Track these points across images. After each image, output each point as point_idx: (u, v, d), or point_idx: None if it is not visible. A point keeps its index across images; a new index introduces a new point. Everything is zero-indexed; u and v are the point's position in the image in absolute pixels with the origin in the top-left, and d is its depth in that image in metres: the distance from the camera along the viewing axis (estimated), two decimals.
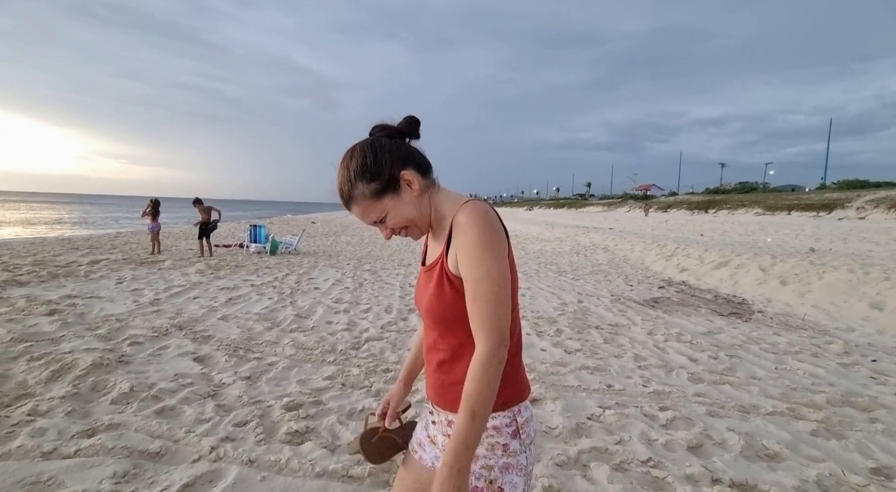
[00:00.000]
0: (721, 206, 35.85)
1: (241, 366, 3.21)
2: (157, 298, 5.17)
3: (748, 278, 7.91)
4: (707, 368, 3.72)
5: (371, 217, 0.92)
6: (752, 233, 16.09)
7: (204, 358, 3.32)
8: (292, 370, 3.19)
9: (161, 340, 3.67)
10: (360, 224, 25.43)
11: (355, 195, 0.90)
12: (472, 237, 0.83)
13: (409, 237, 0.96)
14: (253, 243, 9.88)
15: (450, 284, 0.89)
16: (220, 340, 3.76)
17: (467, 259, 0.83)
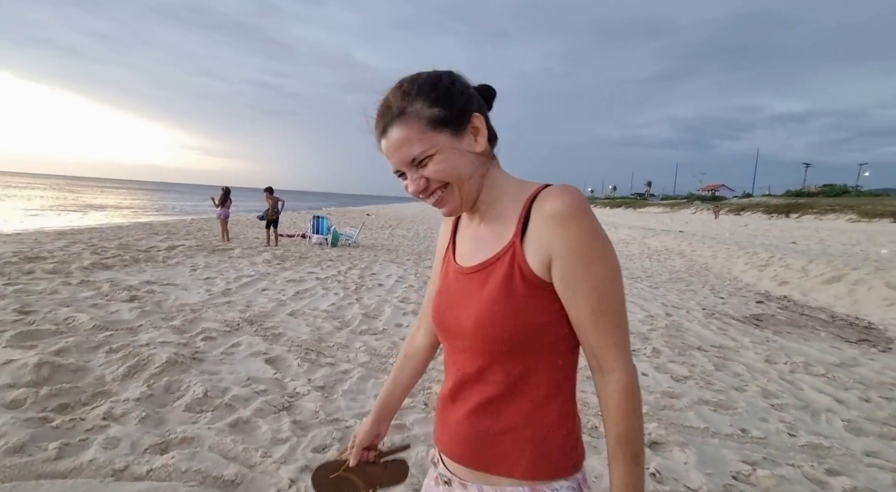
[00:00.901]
0: (806, 210, 32.23)
1: (314, 372, 2.95)
2: (228, 288, 5.15)
3: (872, 297, 6.68)
4: (863, 413, 2.97)
5: (412, 151, 0.66)
6: (858, 242, 13.97)
7: (276, 360, 3.11)
8: (368, 382, 2.88)
9: (233, 335, 3.52)
10: (414, 217, 25.50)
11: (407, 113, 0.66)
12: (588, 227, 0.63)
13: (439, 208, 0.70)
14: (315, 234, 9.95)
15: (527, 288, 0.66)
16: (290, 339, 3.55)
17: (586, 255, 0.63)
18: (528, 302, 0.65)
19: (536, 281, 0.65)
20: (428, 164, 0.66)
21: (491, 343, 0.67)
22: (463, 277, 0.73)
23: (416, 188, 0.68)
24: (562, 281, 0.64)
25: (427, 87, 0.67)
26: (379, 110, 0.69)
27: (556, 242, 0.63)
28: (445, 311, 0.74)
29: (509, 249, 0.68)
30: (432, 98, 0.66)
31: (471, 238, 0.76)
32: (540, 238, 0.65)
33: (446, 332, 0.74)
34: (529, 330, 0.66)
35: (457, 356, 0.73)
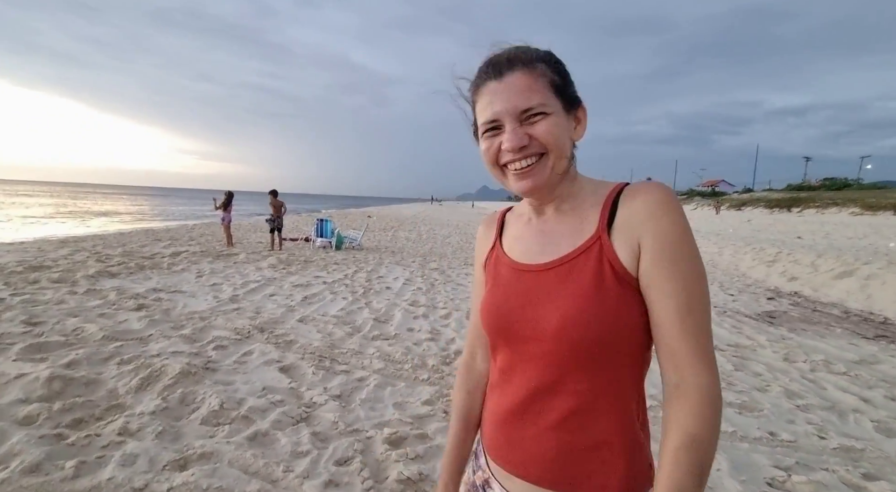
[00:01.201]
0: (807, 204, 32.14)
1: (329, 380, 2.89)
2: (236, 294, 5.09)
3: (887, 292, 6.61)
4: (892, 413, 2.91)
5: (531, 100, 0.62)
6: (865, 236, 13.89)
7: (290, 368, 3.05)
8: (385, 389, 2.82)
9: (244, 343, 3.46)
10: (415, 218, 25.44)
11: (535, 66, 0.63)
12: (680, 222, 0.60)
13: (521, 179, 0.64)
14: (319, 238, 9.89)
15: (619, 285, 0.60)
16: (303, 346, 3.49)
17: (676, 251, 0.58)
18: (619, 301, 0.60)
19: (626, 276, 0.60)
20: (538, 122, 0.62)
21: (577, 347, 0.60)
22: (533, 275, 0.66)
23: (517, 143, 0.62)
24: (648, 275, 0.59)
25: (553, 57, 0.65)
26: (499, 53, 0.65)
27: (647, 234, 0.60)
28: (511, 315, 0.66)
29: (595, 241, 0.63)
30: (557, 68, 0.65)
31: (536, 233, 0.70)
32: (630, 230, 0.61)
33: (513, 336, 0.66)
34: (621, 333, 0.60)
35: (526, 365, 0.66)
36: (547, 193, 0.67)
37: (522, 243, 0.71)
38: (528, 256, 0.69)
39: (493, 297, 0.70)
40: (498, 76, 0.63)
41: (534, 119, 0.62)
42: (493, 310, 0.69)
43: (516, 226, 0.74)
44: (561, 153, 0.64)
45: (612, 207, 0.64)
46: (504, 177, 0.67)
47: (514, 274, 0.69)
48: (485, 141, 0.66)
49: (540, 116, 0.62)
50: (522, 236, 0.72)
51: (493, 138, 0.65)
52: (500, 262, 0.72)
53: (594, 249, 0.63)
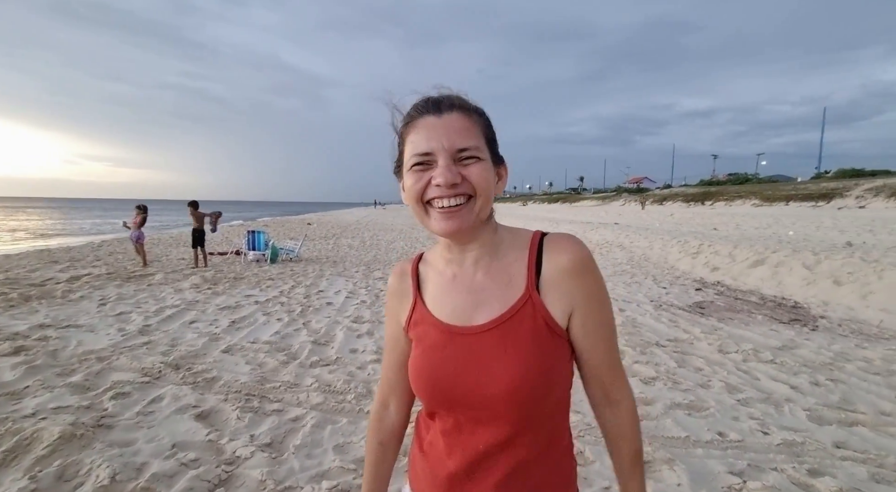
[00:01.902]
0: (717, 197, 35.80)
1: (258, 425, 2.50)
2: (147, 324, 4.41)
3: (793, 278, 7.34)
4: (819, 400, 3.10)
5: (467, 141, 0.63)
6: (768, 226, 15.58)
7: (209, 414, 2.60)
8: (325, 429, 2.49)
9: (153, 387, 2.93)
10: (357, 224, 24.67)
11: (472, 113, 0.66)
12: (599, 275, 0.67)
13: (448, 218, 0.63)
14: (251, 251, 9.10)
15: (553, 341, 0.64)
16: (227, 384, 3.03)
17: (601, 301, 0.67)
18: (555, 355, 0.64)
19: (558, 330, 0.65)
20: (472, 165, 0.63)
21: (524, 410, 0.63)
22: (469, 338, 0.66)
23: (451, 179, 0.61)
24: (582, 328, 0.66)
25: (484, 113, 0.68)
26: (437, 95, 0.66)
27: (578, 294, 0.65)
28: (450, 380, 0.65)
29: (526, 300, 0.65)
30: (488, 122, 0.68)
31: (465, 291, 0.69)
32: (560, 289, 0.65)
33: (456, 403, 0.65)
34: (560, 387, 0.65)
35: (473, 428, 0.66)
36: (469, 237, 0.67)
37: (451, 303, 0.69)
38: (459, 318, 0.68)
39: (427, 363, 0.68)
40: (437, 112, 0.64)
41: (467, 161, 0.63)
42: (429, 377, 0.67)
43: (438, 282, 0.72)
44: (488, 199, 0.65)
45: (537, 261, 0.67)
46: (427, 215, 0.65)
47: (446, 337, 0.67)
48: (412, 175, 0.64)
49: (473, 160, 0.63)
50: (449, 295, 0.70)
51: (422, 173, 0.64)
52: (427, 322, 0.70)
53: (528, 308, 0.65)
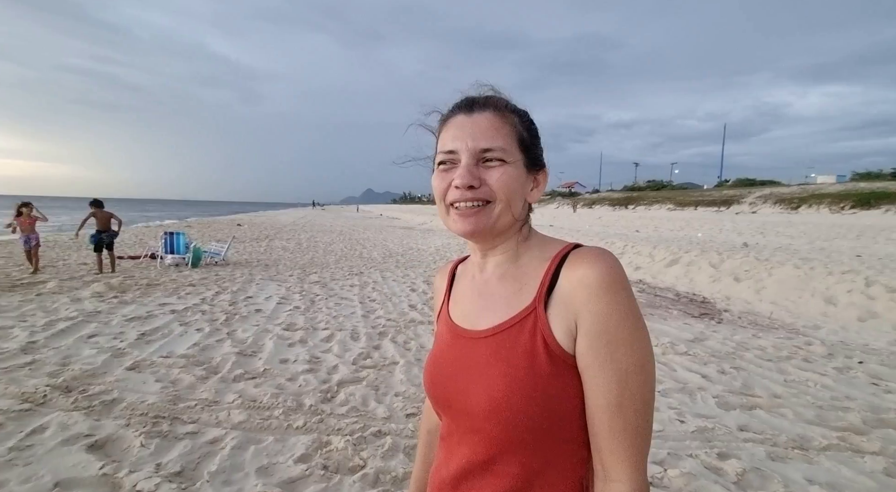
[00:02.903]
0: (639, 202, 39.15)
1: (166, 452, 2.22)
2: (33, 341, 3.79)
3: (702, 276, 8.15)
4: (725, 387, 3.43)
5: (493, 141, 0.60)
6: (681, 228, 17.25)
7: (106, 443, 2.27)
8: (247, 451, 2.27)
9: (34, 416, 2.50)
10: (294, 225, 23.49)
11: (506, 114, 0.63)
12: (623, 303, 0.54)
13: (464, 218, 0.61)
14: (169, 254, 8.25)
15: (552, 364, 0.56)
16: (130, 406, 2.67)
17: (615, 336, 0.53)
18: (552, 382, 0.56)
19: (562, 355, 0.57)
20: (494, 168, 0.61)
21: (507, 430, 0.57)
22: (467, 342, 0.64)
23: (468, 181, 0.60)
24: (583, 361, 0.56)
25: (527, 116, 0.66)
26: (476, 94, 0.65)
27: (585, 314, 0.55)
28: (446, 382, 0.64)
29: (530, 313, 0.59)
30: (527, 124, 0.65)
31: (476, 295, 0.67)
32: (567, 305, 0.57)
33: (447, 407, 0.65)
34: (553, 416, 0.56)
35: (461, 437, 0.63)
36: (488, 239, 0.64)
37: (465, 304, 0.69)
38: (466, 320, 0.67)
39: (433, 361, 0.69)
40: (468, 112, 0.63)
41: (491, 164, 0.61)
42: (432, 376, 0.68)
43: (463, 282, 0.72)
44: (508, 205, 0.61)
45: (555, 273, 0.60)
46: (448, 215, 0.64)
47: (453, 338, 0.67)
48: (437, 175, 0.64)
49: (498, 163, 0.61)
50: (465, 296, 0.70)
51: (446, 174, 0.63)
52: (444, 321, 0.71)
53: (528, 321, 0.59)
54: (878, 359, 4.16)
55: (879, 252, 9.00)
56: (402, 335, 4.45)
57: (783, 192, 29.75)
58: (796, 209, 25.40)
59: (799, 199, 26.36)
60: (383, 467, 2.16)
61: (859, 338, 4.94)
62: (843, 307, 5.73)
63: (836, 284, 6.24)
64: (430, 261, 10.66)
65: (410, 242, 15.66)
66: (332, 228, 22.94)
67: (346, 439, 2.37)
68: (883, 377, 3.67)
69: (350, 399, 2.93)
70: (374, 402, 2.91)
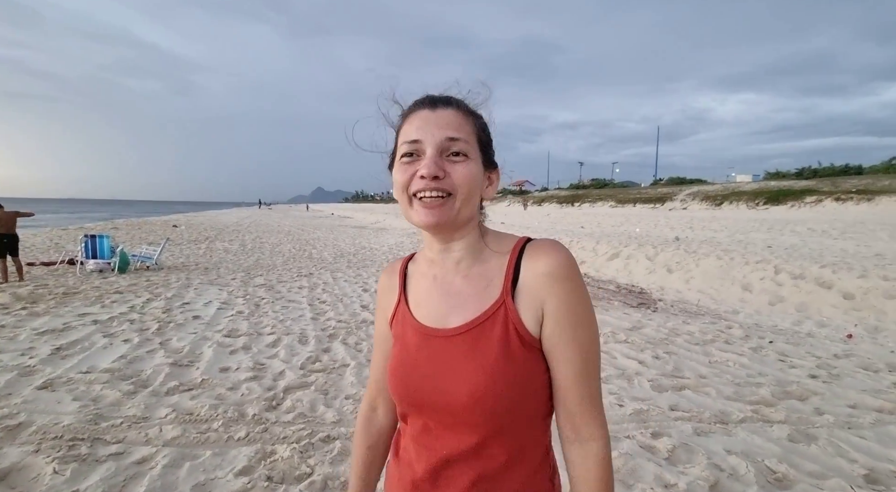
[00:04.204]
0: (584, 199, 41.16)
1: (85, 477, 2.00)
2: None
3: (639, 268, 8.71)
4: (659, 371, 3.68)
5: (457, 135, 0.64)
6: (621, 224, 18.33)
7: (9, 474, 2.00)
8: (181, 467, 2.11)
9: None
10: (237, 226, 22.20)
11: (466, 113, 0.67)
12: (579, 288, 0.63)
13: (428, 208, 0.63)
14: (91, 260, 7.48)
15: (524, 350, 0.63)
16: (41, 429, 2.39)
17: (576, 317, 0.62)
18: (526, 366, 0.63)
19: (531, 340, 0.63)
20: (458, 163, 0.64)
21: (492, 417, 0.62)
22: (440, 341, 0.66)
23: (434, 171, 0.62)
24: (550, 341, 0.63)
25: (481, 117, 0.69)
26: (436, 94, 0.68)
27: (549, 301, 0.62)
28: (420, 383, 0.66)
29: (499, 306, 0.64)
30: (483, 126, 0.69)
31: (443, 294, 0.69)
32: (532, 295, 0.63)
33: (422, 406, 0.66)
34: (529, 396, 0.63)
35: (440, 432, 0.66)
36: (449, 232, 0.67)
37: (429, 304, 0.70)
38: (435, 320, 0.68)
39: (402, 364, 0.69)
40: (432, 107, 0.66)
41: (454, 158, 0.64)
42: (403, 378, 0.68)
43: (421, 282, 0.73)
44: (468, 198, 0.65)
45: (516, 266, 0.65)
46: (410, 207, 0.65)
47: (422, 338, 0.68)
48: (399, 167, 0.66)
49: (461, 158, 0.64)
50: (430, 296, 0.71)
51: (409, 165, 0.65)
52: (407, 322, 0.71)
53: (500, 314, 0.64)
54: (784, 338, 4.68)
55: (786, 243, 10.12)
56: (353, 337, 4.35)
57: (708, 190, 32.49)
58: (720, 206, 27.89)
59: (722, 196, 28.94)
60: (332, 472, 2.09)
61: (769, 320, 5.52)
62: (756, 293, 6.38)
63: (751, 272, 6.93)
64: (382, 260, 10.52)
65: (363, 241, 15.37)
66: (280, 228, 21.95)
67: (293, 447, 2.27)
68: (788, 354, 4.12)
69: (297, 405, 2.81)
70: (322, 406, 2.82)
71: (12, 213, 6.84)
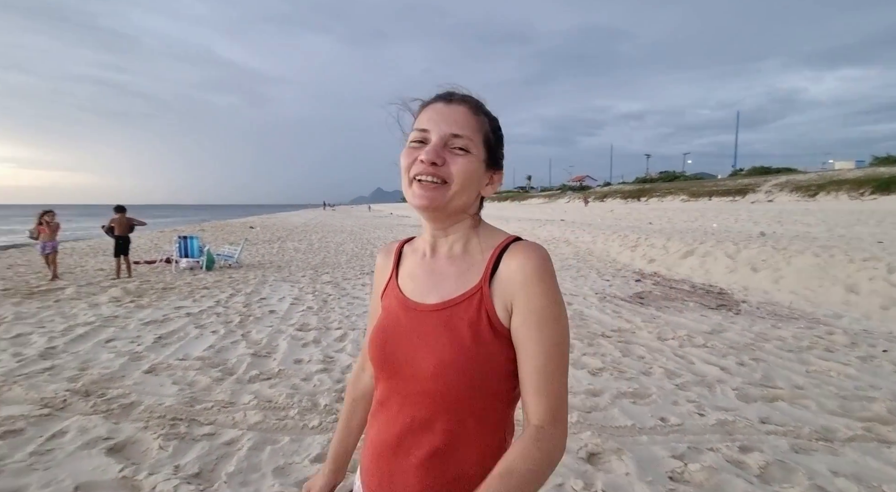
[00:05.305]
0: (651, 194, 38.58)
1: (184, 454, 2.23)
2: (52, 346, 3.86)
3: (718, 266, 7.97)
4: (745, 379, 3.34)
5: (463, 130, 0.68)
6: (695, 219, 16.94)
7: (125, 446, 2.29)
8: (263, 451, 2.27)
9: (54, 420, 2.54)
10: (305, 226, 23.68)
11: (478, 112, 0.72)
12: (550, 290, 0.67)
13: (423, 191, 0.68)
14: (184, 258, 8.37)
15: (493, 334, 0.67)
16: (148, 408, 2.70)
17: (542, 316, 0.66)
18: (491, 349, 0.66)
19: (500, 327, 0.67)
20: (459, 156, 0.68)
21: (451, 390, 0.66)
22: (418, 314, 0.72)
23: (433, 157, 0.67)
24: (516, 335, 0.67)
25: (495, 119, 0.75)
26: (455, 90, 0.73)
27: (520, 298, 0.66)
28: (395, 349, 0.71)
29: (476, 291, 0.69)
30: (494, 127, 0.74)
31: (428, 273, 0.75)
32: (505, 289, 0.67)
33: (393, 372, 0.71)
34: (491, 377, 0.67)
35: (403, 400, 0.70)
36: (441, 218, 0.72)
37: (414, 280, 0.76)
38: (417, 294, 0.74)
39: (381, 330, 0.74)
40: (447, 101, 0.71)
41: (457, 151, 0.68)
42: (380, 343, 0.73)
43: (412, 260, 0.79)
44: (462, 190, 0.69)
45: (496, 260, 0.70)
46: (409, 188, 0.69)
47: (403, 310, 0.73)
48: (406, 151, 0.70)
49: (462, 152, 0.68)
50: (415, 273, 0.76)
51: (414, 151, 0.69)
52: (393, 294, 0.77)
53: (475, 298, 0.68)
54: None
55: None
56: None
57: (800, 179, 29.02)
58: (814, 197, 24.78)
59: (817, 186, 25.69)
60: None
61: (883, 326, 4.79)
62: (865, 295, 5.55)
63: (857, 271, 6.05)
64: None
65: None
66: (343, 228, 23.06)
67: (361, 438, 2.35)
68: None
69: None
70: None
71: (128, 218, 7.84)
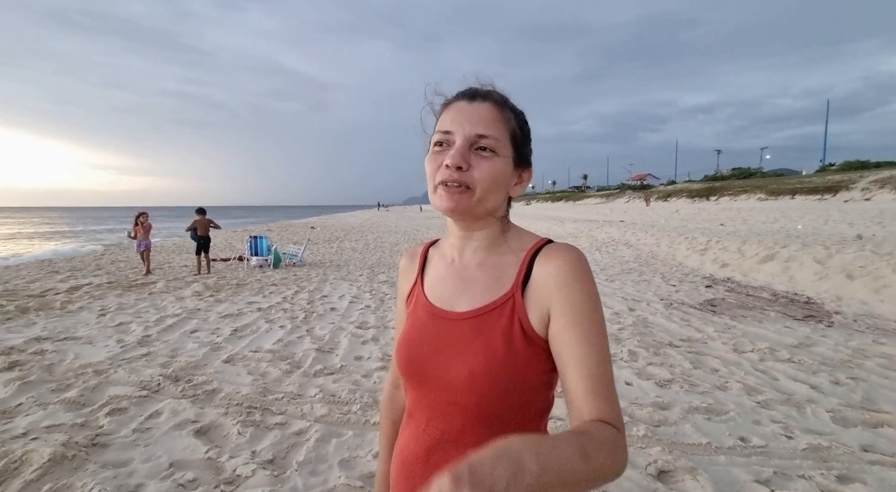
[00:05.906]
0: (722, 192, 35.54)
1: (259, 440, 2.40)
2: (147, 334, 4.33)
3: (805, 273, 7.17)
4: (841, 399, 2.97)
5: (487, 129, 0.65)
6: (776, 220, 15.39)
7: (209, 430, 2.51)
8: (329, 443, 2.38)
9: (151, 402, 2.84)
10: (361, 227, 24.64)
11: (504, 108, 0.68)
12: (590, 291, 0.63)
13: (447, 193, 0.64)
14: (254, 257, 9.03)
15: (527, 344, 0.63)
16: (228, 396, 2.94)
17: (587, 318, 0.62)
18: (525, 359, 0.64)
19: (534, 336, 0.64)
20: (485, 159, 0.65)
21: (484, 401, 0.63)
22: (447, 323, 0.68)
23: (458, 161, 0.64)
24: (559, 340, 0.63)
25: (521, 114, 0.71)
26: (478, 86, 0.69)
27: (558, 302, 0.63)
28: (424, 359, 0.68)
29: (508, 299, 0.66)
30: (521, 123, 0.70)
31: (456, 279, 0.71)
32: (541, 295, 0.64)
33: (423, 383, 0.68)
34: (525, 389, 0.64)
35: (433, 412, 0.68)
36: (468, 221, 0.69)
37: (442, 287, 0.72)
38: (445, 302, 0.71)
39: (409, 339, 0.71)
40: (470, 100, 0.67)
41: (482, 153, 0.65)
42: (407, 353, 0.70)
43: (439, 265, 0.75)
44: (488, 194, 0.66)
45: (529, 265, 0.67)
46: (434, 193, 0.67)
47: (430, 318, 0.70)
48: (431, 157, 0.68)
49: (489, 154, 0.65)
50: (443, 279, 0.73)
51: (438, 155, 0.66)
52: (419, 301, 0.74)
53: (507, 306, 0.65)
54: None
55: None
56: None
57: None
58: None
59: None
60: None
61: None
62: None
63: None
64: None
65: None
66: (397, 228, 23.67)
67: None
68: None
69: None
70: None
71: (208, 220, 8.63)
